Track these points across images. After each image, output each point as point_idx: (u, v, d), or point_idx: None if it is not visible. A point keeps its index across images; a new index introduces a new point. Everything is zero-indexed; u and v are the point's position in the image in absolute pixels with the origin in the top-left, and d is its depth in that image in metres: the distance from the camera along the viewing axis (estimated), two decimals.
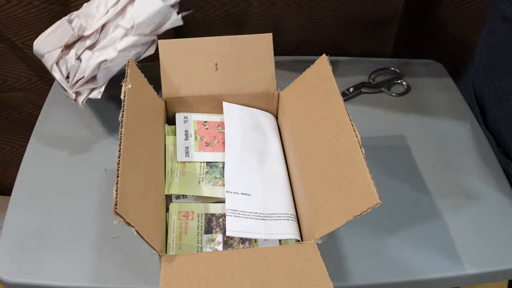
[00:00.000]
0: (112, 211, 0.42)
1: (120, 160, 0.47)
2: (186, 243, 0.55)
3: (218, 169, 0.62)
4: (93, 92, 0.69)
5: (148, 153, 0.57)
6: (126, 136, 0.50)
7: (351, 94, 0.83)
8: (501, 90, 0.65)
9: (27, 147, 0.71)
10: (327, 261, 0.48)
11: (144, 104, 0.60)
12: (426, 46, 1.01)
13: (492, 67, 0.67)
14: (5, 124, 1.07)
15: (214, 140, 0.65)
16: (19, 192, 0.65)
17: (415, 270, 0.59)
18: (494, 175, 0.70)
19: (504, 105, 0.66)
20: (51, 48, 0.68)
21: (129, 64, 0.58)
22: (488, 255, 0.61)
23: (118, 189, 0.44)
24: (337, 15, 0.92)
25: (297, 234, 0.56)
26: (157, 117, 0.63)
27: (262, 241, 0.56)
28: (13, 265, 0.57)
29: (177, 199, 0.60)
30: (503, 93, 0.65)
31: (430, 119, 0.80)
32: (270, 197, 0.59)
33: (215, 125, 0.67)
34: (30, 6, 0.85)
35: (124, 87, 0.55)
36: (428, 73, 0.89)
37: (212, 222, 0.58)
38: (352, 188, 0.49)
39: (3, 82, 0.98)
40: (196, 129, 0.66)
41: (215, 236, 0.56)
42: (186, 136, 0.65)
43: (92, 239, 0.60)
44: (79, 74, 0.67)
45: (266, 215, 0.57)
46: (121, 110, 0.52)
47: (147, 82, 0.63)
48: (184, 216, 0.58)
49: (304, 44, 0.97)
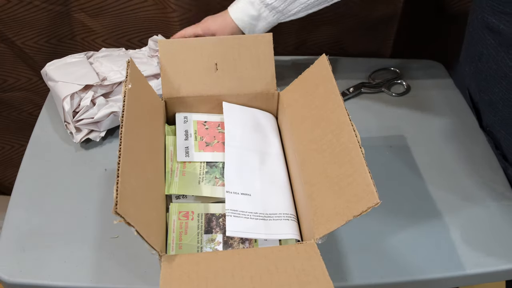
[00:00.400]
0: (113, 211, 0.42)
1: (120, 160, 0.47)
2: (186, 243, 0.55)
3: (218, 169, 0.62)
4: (93, 133, 0.71)
5: (148, 153, 0.57)
6: (126, 136, 0.50)
7: (351, 94, 0.83)
8: (495, 96, 0.65)
9: (27, 147, 0.71)
10: (327, 261, 0.48)
11: (144, 104, 0.60)
12: (426, 46, 1.01)
13: (482, 75, 0.67)
14: (5, 123, 1.07)
15: (214, 140, 0.65)
16: (19, 192, 0.65)
17: (415, 270, 0.59)
18: (493, 175, 0.70)
19: (500, 110, 0.66)
20: (69, 80, 0.71)
21: (129, 64, 0.58)
22: (488, 255, 0.61)
23: (118, 189, 0.44)
24: (337, 15, 0.92)
25: (297, 234, 0.56)
26: (157, 117, 0.63)
27: (262, 241, 0.56)
28: (13, 265, 0.57)
29: (177, 199, 0.60)
30: (497, 99, 0.65)
31: (430, 119, 0.80)
32: (270, 197, 0.59)
33: (215, 125, 0.67)
34: (30, 6, 0.85)
35: (124, 87, 0.55)
36: (428, 73, 0.89)
37: (212, 222, 0.58)
38: (352, 188, 0.49)
39: (3, 82, 0.98)
40: (196, 129, 0.66)
41: (215, 236, 0.56)
42: (186, 136, 0.65)
43: (92, 239, 0.60)
44: (88, 115, 0.70)
45: (266, 215, 0.57)
46: (121, 110, 0.52)
47: (147, 82, 0.63)
48: (184, 216, 0.58)
49: (304, 44, 0.97)
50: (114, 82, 0.72)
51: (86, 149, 0.71)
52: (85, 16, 0.89)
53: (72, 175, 0.67)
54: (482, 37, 0.64)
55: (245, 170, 0.61)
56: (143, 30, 0.92)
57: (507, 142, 0.68)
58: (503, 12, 0.59)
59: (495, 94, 0.65)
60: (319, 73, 0.61)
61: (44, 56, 0.93)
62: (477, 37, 0.66)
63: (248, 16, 0.69)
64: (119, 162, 0.47)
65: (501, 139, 0.70)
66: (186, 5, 0.85)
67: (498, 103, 0.65)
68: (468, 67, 0.72)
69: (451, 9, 0.93)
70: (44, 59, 0.92)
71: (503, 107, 0.65)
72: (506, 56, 0.61)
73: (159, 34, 0.81)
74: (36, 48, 0.92)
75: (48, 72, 0.73)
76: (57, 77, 0.72)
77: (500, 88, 0.64)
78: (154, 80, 0.75)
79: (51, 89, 0.74)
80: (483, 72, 0.67)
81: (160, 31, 0.91)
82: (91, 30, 0.92)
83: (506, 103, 0.64)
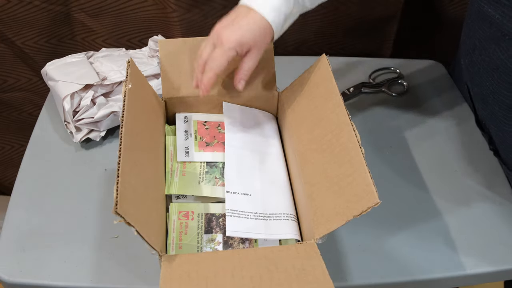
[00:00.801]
0: (113, 211, 0.42)
1: (120, 160, 0.47)
2: (186, 243, 0.55)
3: (218, 169, 0.62)
4: (93, 133, 0.71)
5: (148, 153, 0.57)
6: (126, 136, 0.50)
7: (351, 94, 0.83)
8: (485, 90, 0.65)
9: (27, 147, 0.71)
10: (327, 261, 0.48)
11: (144, 104, 0.60)
12: (426, 46, 1.01)
13: (475, 68, 0.67)
14: (5, 124, 1.07)
15: (214, 140, 0.65)
16: (19, 192, 0.65)
17: (415, 270, 0.59)
18: (493, 175, 0.70)
19: (489, 104, 0.66)
20: (69, 80, 0.71)
21: (130, 64, 0.58)
22: (488, 255, 0.61)
23: (118, 189, 0.44)
24: (337, 15, 0.92)
25: (297, 234, 0.56)
26: (157, 117, 0.63)
27: (262, 241, 0.56)
28: (13, 265, 0.57)
29: (177, 199, 0.60)
30: (487, 93, 0.65)
31: (430, 119, 0.80)
32: (270, 197, 0.59)
33: (215, 125, 0.67)
34: (30, 6, 0.85)
35: (124, 87, 0.55)
36: (428, 73, 0.89)
37: (212, 222, 0.58)
38: (352, 188, 0.49)
39: (3, 82, 0.98)
40: (196, 129, 0.66)
41: (215, 236, 0.56)
42: (186, 136, 0.65)
43: (92, 239, 0.60)
44: (88, 114, 0.70)
45: (266, 215, 0.57)
46: (121, 110, 0.52)
47: (147, 82, 0.63)
48: (184, 216, 0.58)
49: (304, 44, 0.97)
50: (114, 81, 0.72)
51: (86, 149, 0.71)
52: (85, 16, 0.89)
53: (72, 175, 0.67)
54: (476, 29, 0.64)
55: (245, 170, 0.61)
56: (143, 30, 0.92)
57: (498, 138, 0.68)
58: (498, 2, 0.59)
59: (486, 88, 0.65)
60: (319, 73, 0.61)
61: (44, 56, 0.93)
62: (473, 29, 0.66)
63: (283, 14, 0.55)
64: (119, 162, 0.47)
65: (493, 135, 0.69)
66: (186, 5, 0.85)
67: (488, 97, 0.65)
68: (463, 60, 0.72)
69: (451, 9, 0.93)
70: (44, 59, 0.92)
71: (492, 101, 0.64)
72: (497, 48, 0.60)
73: (159, 34, 0.81)
74: (36, 48, 0.92)
75: (48, 72, 0.73)
76: (57, 76, 0.72)
77: (491, 81, 0.63)
78: (154, 80, 0.75)
79: (51, 88, 0.74)
80: (476, 64, 0.66)
81: (160, 31, 0.91)
82: (91, 30, 0.92)
83: (496, 96, 0.63)
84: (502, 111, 0.63)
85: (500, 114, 0.64)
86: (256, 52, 0.55)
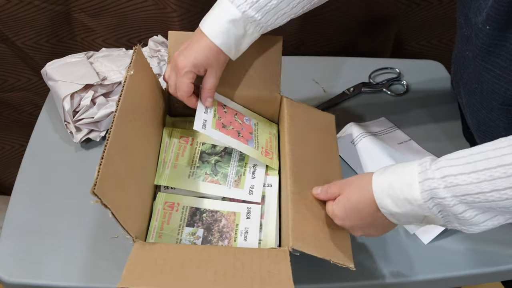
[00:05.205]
0: (90, 191, 0.42)
1: (108, 142, 0.47)
2: (167, 233, 0.56)
3: (210, 165, 0.62)
4: (93, 133, 0.71)
5: (141, 140, 0.57)
6: (119, 120, 0.50)
7: (351, 94, 0.83)
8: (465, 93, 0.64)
9: (27, 147, 0.71)
10: (327, 261, 0.48)
11: (145, 92, 0.60)
12: (426, 46, 1.01)
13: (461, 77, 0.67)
14: (5, 124, 1.07)
15: (230, 125, 0.63)
16: (19, 192, 0.65)
17: (415, 270, 0.59)
18: None
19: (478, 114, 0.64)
20: (69, 80, 0.71)
21: (136, 51, 0.58)
22: (488, 255, 0.61)
23: (101, 170, 0.44)
24: (337, 15, 0.92)
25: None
26: (157, 106, 0.63)
27: (242, 242, 0.56)
28: (13, 265, 0.57)
29: (165, 189, 0.60)
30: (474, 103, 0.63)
31: (430, 119, 0.80)
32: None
33: (232, 113, 0.66)
34: (30, 6, 0.85)
35: (126, 73, 0.55)
36: (428, 73, 0.89)
37: (195, 216, 0.58)
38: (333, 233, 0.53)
39: (3, 82, 0.98)
40: (216, 108, 0.64)
41: (196, 230, 0.57)
42: (206, 110, 0.63)
43: (92, 239, 0.60)
44: (88, 115, 0.70)
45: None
46: (119, 95, 0.52)
47: (152, 71, 0.62)
48: (169, 206, 0.58)
49: (304, 44, 0.97)
50: (114, 81, 0.72)
51: (86, 149, 0.71)
52: (85, 16, 0.89)
53: (72, 175, 0.67)
54: (458, 22, 0.63)
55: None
56: (143, 30, 0.92)
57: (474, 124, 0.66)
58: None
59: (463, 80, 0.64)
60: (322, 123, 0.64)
61: (44, 56, 0.93)
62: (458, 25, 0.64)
63: (233, 37, 0.57)
64: (106, 143, 0.47)
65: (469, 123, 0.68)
66: (186, 5, 0.85)
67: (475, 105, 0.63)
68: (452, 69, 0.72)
69: (451, 9, 0.93)
70: (44, 59, 0.92)
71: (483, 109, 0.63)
72: (465, 46, 0.60)
73: (159, 34, 0.81)
74: (36, 48, 0.92)
75: (48, 72, 0.73)
76: (57, 76, 0.72)
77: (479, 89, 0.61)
78: None
79: (51, 88, 0.74)
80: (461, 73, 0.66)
81: (160, 31, 0.91)
82: (91, 30, 0.92)
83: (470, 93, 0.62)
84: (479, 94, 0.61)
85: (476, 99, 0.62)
86: (213, 71, 0.59)
